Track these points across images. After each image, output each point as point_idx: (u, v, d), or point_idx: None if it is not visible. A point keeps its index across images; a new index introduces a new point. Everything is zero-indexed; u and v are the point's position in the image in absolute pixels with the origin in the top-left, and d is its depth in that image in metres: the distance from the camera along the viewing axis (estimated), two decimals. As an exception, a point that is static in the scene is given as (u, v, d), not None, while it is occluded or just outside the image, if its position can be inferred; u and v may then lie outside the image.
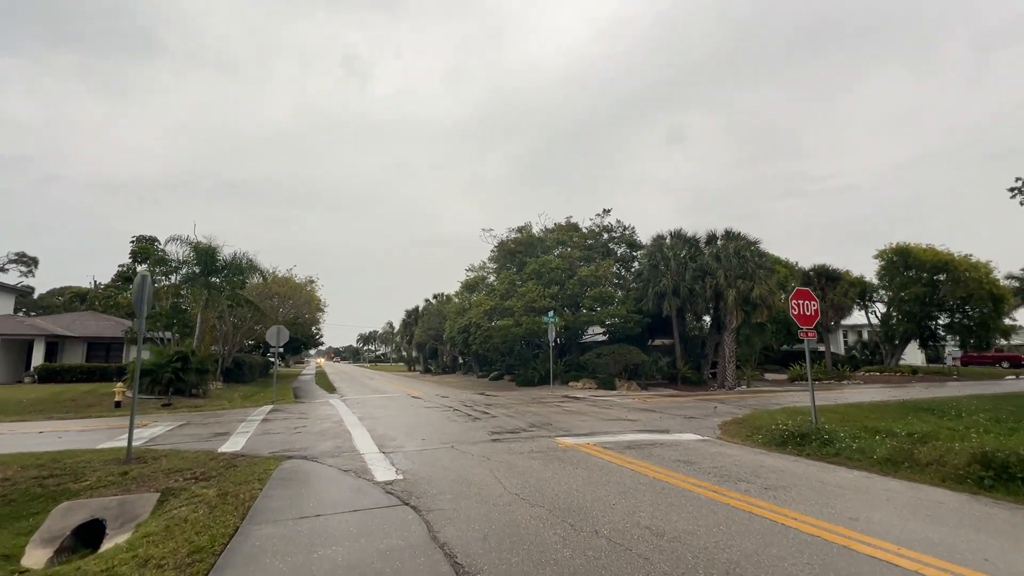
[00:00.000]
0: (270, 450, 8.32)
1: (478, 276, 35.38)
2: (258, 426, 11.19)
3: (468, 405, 15.63)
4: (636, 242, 32.52)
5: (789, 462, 7.40)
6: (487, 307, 27.55)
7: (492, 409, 14.28)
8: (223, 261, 23.34)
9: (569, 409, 14.03)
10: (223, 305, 25.37)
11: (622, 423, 11.22)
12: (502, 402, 16.69)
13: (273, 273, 32.49)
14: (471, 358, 43.00)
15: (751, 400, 17.18)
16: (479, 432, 9.98)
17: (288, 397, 19.98)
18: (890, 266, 37.60)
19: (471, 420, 11.90)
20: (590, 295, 27.08)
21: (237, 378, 29.77)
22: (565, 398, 18.33)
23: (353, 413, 13.65)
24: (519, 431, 10.07)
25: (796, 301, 9.57)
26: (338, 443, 8.95)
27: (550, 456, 7.58)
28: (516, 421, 11.57)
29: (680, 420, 11.86)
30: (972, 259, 35.06)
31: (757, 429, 10.39)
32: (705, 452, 8.06)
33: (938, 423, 12.24)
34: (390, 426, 11.11)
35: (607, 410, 13.77)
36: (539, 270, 27.61)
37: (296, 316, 34.70)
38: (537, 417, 12.23)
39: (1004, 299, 33.19)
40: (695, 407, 14.71)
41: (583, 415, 12.63)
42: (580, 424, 11.02)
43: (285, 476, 6.56)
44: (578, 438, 9.20)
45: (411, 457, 7.67)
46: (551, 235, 31.60)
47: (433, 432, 10.12)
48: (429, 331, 46.75)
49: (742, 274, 25.67)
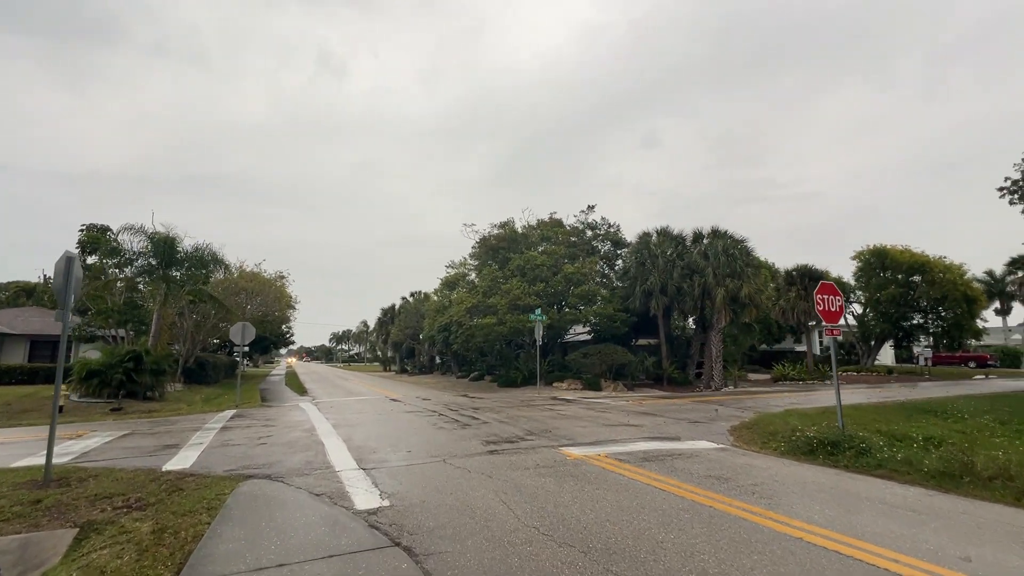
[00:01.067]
0: (227, 467, 7.00)
1: (459, 273, 34.10)
2: (216, 435, 9.77)
3: (454, 409, 14.44)
4: (621, 240, 31.84)
5: (831, 476, 6.53)
6: (469, 304, 26.36)
7: (481, 413, 13.14)
8: (184, 253, 21.50)
9: (564, 413, 13.01)
10: (184, 301, 23.47)
11: (626, 429, 10.26)
12: (490, 405, 15.55)
13: (240, 268, 30.58)
14: (450, 358, 41.67)
15: (748, 402, 16.52)
16: (472, 442, 8.84)
17: (254, 400, 18.38)
18: (867, 267, 38.03)
19: (460, 427, 10.74)
20: (576, 293, 26.20)
21: (200, 379, 27.79)
22: (554, 400, 17.34)
23: (326, 419, 12.30)
24: (517, 440, 8.97)
25: (821, 296, 8.77)
26: (309, 457, 7.68)
27: (561, 472, 6.52)
28: (511, 428, 10.46)
29: (686, 425, 10.97)
30: (946, 261, 35.72)
31: (772, 435, 9.58)
32: (732, 464, 7.13)
33: (944, 425, 11.71)
34: (369, 435, 9.86)
35: (604, 414, 12.81)
36: (523, 266, 26.57)
37: (265, 313, 32.78)
38: (532, 423, 11.15)
39: (977, 300, 33.86)
40: (694, 410, 13.90)
41: (581, 420, 11.63)
42: (581, 431, 10.00)
43: (242, 504, 5.30)
44: (585, 448, 8.16)
45: (397, 475, 6.49)
46: (535, 231, 30.60)
47: (420, 442, 8.93)
48: (406, 330, 45.20)
49: (730, 272, 25.20)
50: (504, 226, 32.00)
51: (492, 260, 30.16)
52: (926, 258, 35.26)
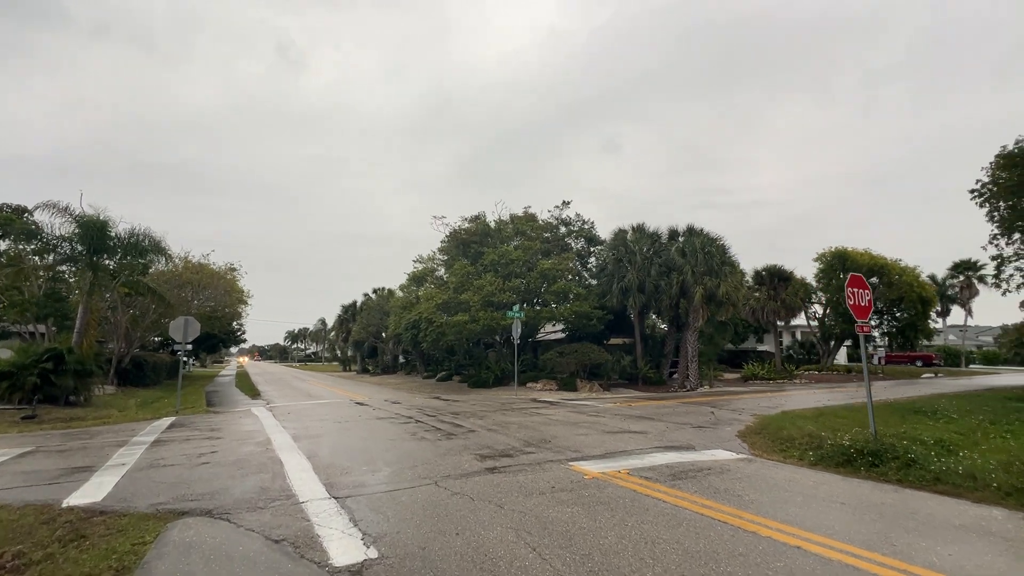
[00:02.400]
0: (153, 499, 5.40)
1: (427, 268, 32.45)
2: (145, 453, 8.00)
3: (430, 414, 13.00)
4: (595, 237, 31.07)
5: (890, 495, 5.64)
6: (439, 301, 24.85)
7: (463, 419, 11.78)
8: (117, 238, 18.97)
9: (554, 418, 11.85)
10: (118, 293, 20.85)
11: (632, 437, 9.19)
12: (469, 409, 14.19)
13: (186, 259, 27.80)
14: (416, 357, 39.86)
15: (737, 403, 15.89)
16: (463, 456, 7.51)
17: (199, 405, 16.29)
18: (829, 269, 38.94)
19: (444, 436, 9.36)
20: (552, 289, 25.16)
21: (137, 381, 25.04)
22: (537, 403, 16.17)
23: (284, 429, 10.62)
24: (515, 453, 7.72)
25: (851, 289, 7.97)
26: (264, 481, 6.16)
27: (586, 498, 5.32)
28: (502, 437, 9.19)
29: (691, 431, 10.03)
30: (901, 264, 37.02)
31: (788, 441, 8.76)
32: (773, 481, 6.16)
33: (940, 427, 11.32)
34: (338, 449, 8.35)
35: (598, 419, 11.74)
36: (498, 261, 25.31)
37: (214, 309, 30.02)
38: (525, 431, 9.91)
39: (931, 302, 35.24)
40: (688, 412, 13.05)
41: (577, 427, 10.49)
42: (583, 440, 8.85)
43: (170, 560, 3.81)
44: (599, 463, 7.00)
45: (381, 507, 5.11)
46: (508, 226, 29.38)
47: (400, 458, 7.51)
48: (369, 328, 42.98)
49: (708, 270, 24.83)
50: (476, 220, 30.63)
51: (463, 255, 28.73)
52: (885, 260, 36.38)
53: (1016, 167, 18.90)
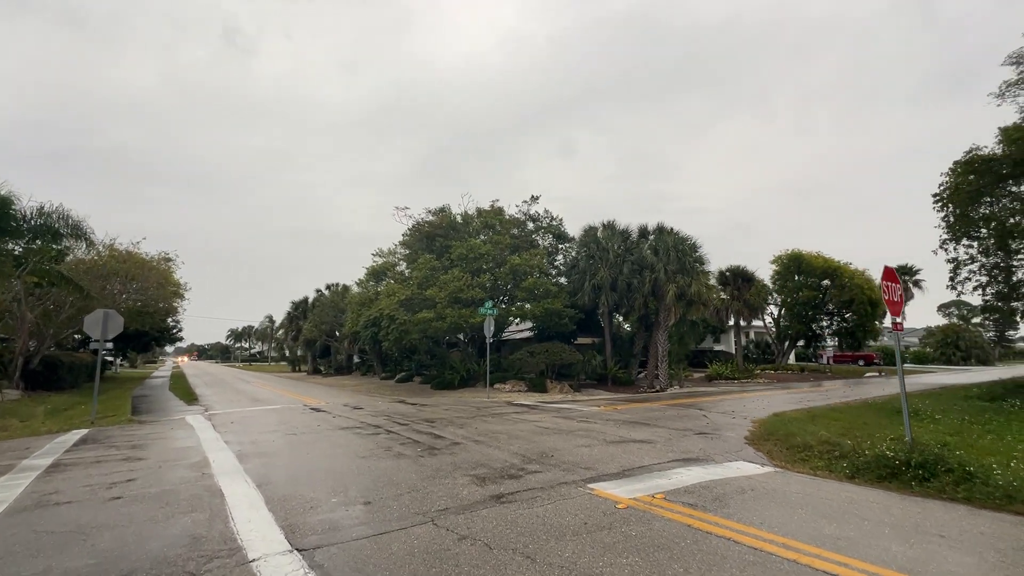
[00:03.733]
0: (27, 568, 3.75)
1: (387, 262, 30.52)
2: (35, 482, 6.14)
3: (401, 422, 11.47)
4: (564, 233, 30.19)
5: (995, 524, 4.82)
6: (402, 297, 23.15)
7: (441, 428, 10.36)
8: (22, 217, 16.18)
9: (543, 425, 10.65)
10: (23, 282, 17.89)
11: (638, 448, 8.14)
12: (442, 415, 12.75)
13: (111, 246, 24.61)
14: (373, 357, 37.69)
15: (721, 404, 15.29)
16: (457, 479, 6.17)
17: (121, 413, 13.97)
18: (784, 270, 40.07)
19: (427, 452, 7.93)
20: (523, 286, 24.02)
21: (49, 384, 21.92)
22: (512, 406, 14.94)
23: (227, 444, 8.84)
24: (517, 472, 6.45)
25: (887, 283, 7.23)
26: (198, 524, 4.59)
27: (633, 538, 4.14)
28: (495, 451, 7.88)
29: (695, 438, 9.12)
30: (852, 267, 38.56)
31: (807, 449, 8.00)
32: (832, 505, 5.22)
33: (928, 428, 11.06)
34: (297, 471, 6.79)
35: (589, 424, 10.66)
36: (466, 256, 23.89)
37: (144, 303, 26.83)
38: (519, 442, 8.64)
39: (879, 304, 36.77)
40: (680, 416, 12.23)
41: (572, 435, 9.34)
42: (588, 453, 7.70)
43: None
44: (623, 484, 5.86)
45: (367, 565, 3.71)
46: (476, 219, 27.99)
47: (379, 482, 6.07)
48: (322, 326, 40.34)
49: (680, 269, 24.49)
50: (441, 212, 29.06)
51: (428, 249, 27.10)
52: (837, 263, 37.74)
53: (974, 173, 19.47)
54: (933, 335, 71.45)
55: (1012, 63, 19.39)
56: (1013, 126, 19.17)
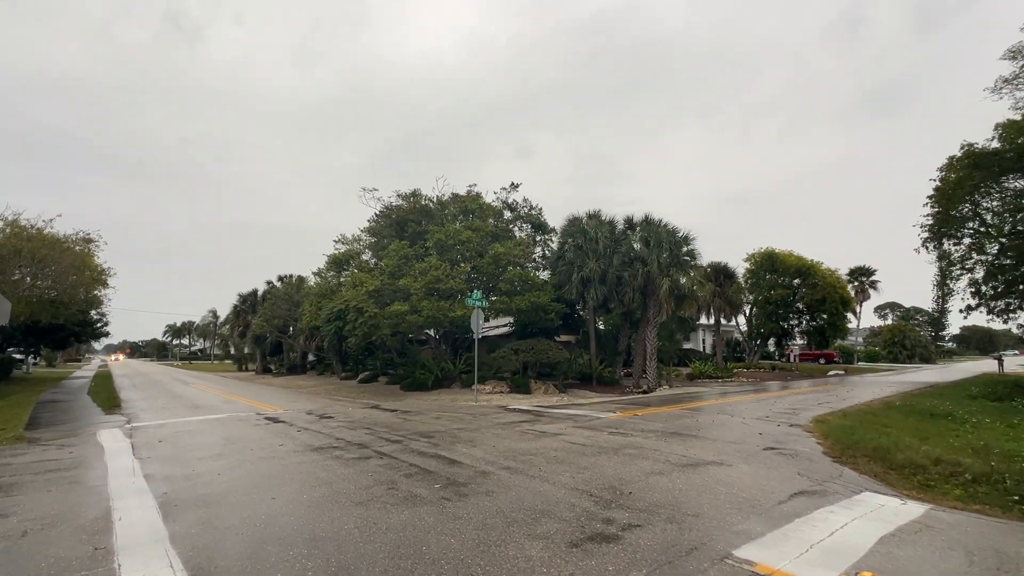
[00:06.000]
0: None
1: (351, 250, 27.59)
2: None
3: (390, 438, 9.02)
4: (544, 224, 28.27)
5: None
6: (371, 287, 20.45)
7: (447, 447, 8.03)
8: None
9: (575, 441, 8.51)
10: None
11: (725, 474, 6.20)
12: (438, 426, 10.35)
13: (14, 222, 20.49)
14: (332, 355, 34.40)
15: (742, 407, 13.69)
16: (522, 547, 3.93)
17: (13, 427, 10.76)
18: (758, 269, 39.89)
19: (451, 492, 5.59)
20: (506, 277, 21.86)
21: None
22: (509, 411, 12.75)
23: (147, 483, 6.16)
24: (607, 530, 4.30)
25: None
26: None
27: None
28: (546, 487, 5.66)
29: (766, 455, 7.30)
30: (823, 266, 38.80)
31: (919, 469, 6.42)
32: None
33: (973, 433, 9.88)
34: (261, 541, 4.34)
35: (627, 437, 8.66)
36: (445, 242, 21.48)
37: (59, 290, 22.69)
38: (567, 470, 6.46)
39: (850, 303, 37.22)
40: (712, 423, 10.47)
41: (624, 455, 7.28)
42: (671, 485, 5.67)
43: None
44: (773, 546, 3.86)
45: None
46: (452, 204, 25.57)
47: (404, 564, 3.77)
48: (274, 320, 36.57)
49: (674, 262, 23.10)
50: (412, 197, 26.45)
51: (399, 235, 24.46)
52: (810, 263, 37.80)
53: (976, 167, 19.02)
54: (878, 335, 75.01)
55: (1010, 57, 19.03)
56: (1008, 122, 18.88)
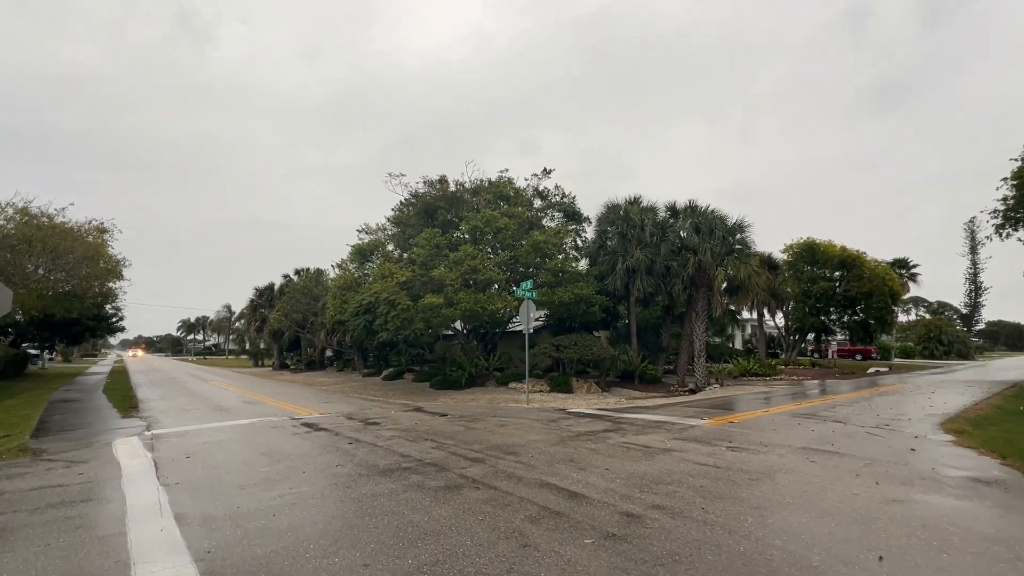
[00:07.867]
0: None
1: (376, 240, 26.07)
2: None
3: (465, 454, 7.40)
4: (577, 212, 26.48)
5: None
6: (403, 278, 18.90)
7: (549, 471, 6.39)
8: None
9: (701, 462, 6.81)
10: None
11: (948, 523, 4.52)
12: (508, 436, 8.71)
13: (23, 209, 19.22)
14: (354, 351, 33.06)
15: (833, 408, 11.90)
16: None
17: (19, 433, 9.36)
18: (798, 260, 37.71)
19: (620, 556, 3.98)
20: (548, 267, 20.22)
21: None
22: (571, 416, 11.10)
23: (179, 527, 4.63)
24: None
25: None
26: None
27: None
28: (753, 546, 4.03)
29: (943, 476, 5.57)
30: (868, 257, 36.51)
31: None
32: None
33: None
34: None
35: (760, 455, 6.98)
36: (481, 228, 19.87)
37: (74, 283, 21.50)
38: (732, 509, 4.77)
39: (899, 295, 34.99)
40: (834, 434, 8.74)
41: (782, 483, 5.63)
42: (902, 533, 4.00)
43: None
44: None
45: None
46: (486, 190, 23.93)
47: None
48: (292, 315, 35.31)
49: (728, 251, 21.32)
50: (440, 183, 24.84)
51: (428, 223, 22.90)
52: (855, 253, 35.53)
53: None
54: (908, 330, 72.08)
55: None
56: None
